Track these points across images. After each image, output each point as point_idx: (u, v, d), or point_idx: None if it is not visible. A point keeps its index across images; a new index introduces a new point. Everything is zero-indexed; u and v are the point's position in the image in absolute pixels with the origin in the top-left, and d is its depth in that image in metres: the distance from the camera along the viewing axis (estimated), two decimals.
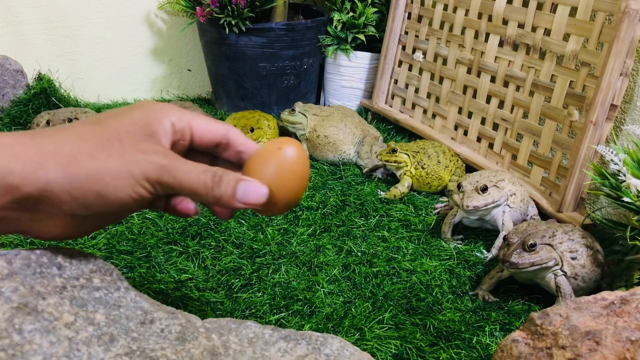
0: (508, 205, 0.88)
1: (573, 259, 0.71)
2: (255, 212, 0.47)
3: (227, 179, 0.41)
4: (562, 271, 0.71)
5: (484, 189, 0.84)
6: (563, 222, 0.86)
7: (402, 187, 1.05)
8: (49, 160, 0.36)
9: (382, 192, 1.06)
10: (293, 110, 1.22)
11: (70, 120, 1.13)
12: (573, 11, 0.94)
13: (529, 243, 0.69)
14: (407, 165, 1.06)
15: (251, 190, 0.41)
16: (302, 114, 1.22)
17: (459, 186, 0.86)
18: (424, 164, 1.05)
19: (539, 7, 1.01)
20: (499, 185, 0.87)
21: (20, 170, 0.35)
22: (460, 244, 0.89)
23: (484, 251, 0.87)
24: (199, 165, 0.40)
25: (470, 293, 0.76)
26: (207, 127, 0.44)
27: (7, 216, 0.36)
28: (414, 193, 1.08)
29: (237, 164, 0.45)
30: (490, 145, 1.12)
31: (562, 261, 0.71)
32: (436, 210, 1.00)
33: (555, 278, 0.72)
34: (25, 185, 0.35)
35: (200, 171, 0.40)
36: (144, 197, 0.39)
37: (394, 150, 1.06)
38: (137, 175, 0.38)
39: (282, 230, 0.88)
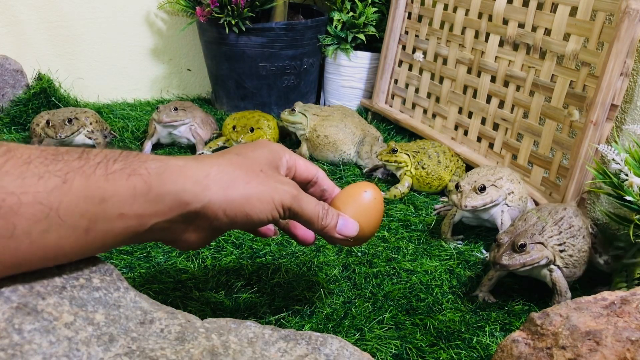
0: (507, 204, 0.88)
1: (562, 251, 0.72)
2: (331, 243, 0.57)
3: (331, 212, 0.52)
4: (556, 265, 0.71)
5: (482, 189, 0.84)
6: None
7: (402, 187, 1.05)
8: (213, 182, 0.42)
9: (382, 192, 1.06)
10: (293, 110, 1.22)
11: (70, 121, 1.13)
12: (573, 11, 0.94)
13: (519, 244, 0.69)
14: (407, 165, 1.06)
15: (348, 224, 0.53)
16: (302, 114, 1.22)
17: (457, 186, 0.86)
18: (424, 164, 1.05)
19: (539, 7, 1.01)
20: (497, 184, 0.87)
21: (191, 189, 0.41)
22: (461, 244, 0.89)
23: (484, 251, 0.87)
24: (314, 198, 0.51)
25: (471, 294, 0.76)
26: (305, 166, 0.54)
27: (171, 227, 0.42)
28: (414, 193, 1.07)
29: (319, 200, 0.54)
30: (491, 145, 1.12)
31: (554, 256, 0.71)
32: (436, 211, 1.00)
33: (550, 274, 0.72)
34: (193, 202, 0.41)
35: (316, 203, 0.50)
36: (275, 219, 0.47)
37: (394, 150, 1.06)
38: (276, 201, 0.46)
39: (282, 230, 0.88)
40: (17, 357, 0.32)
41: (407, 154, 1.06)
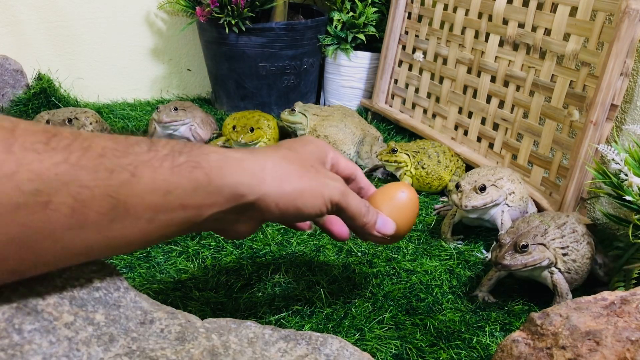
0: (507, 204, 0.88)
1: (564, 255, 0.72)
2: (366, 240, 0.58)
3: (372, 210, 0.54)
4: (557, 268, 0.71)
5: (482, 189, 0.84)
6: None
7: None
8: (268, 176, 0.44)
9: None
10: (293, 110, 1.22)
11: (70, 120, 1.13)
12: (573, 11, 0.94)
13: (521, 244, 0.69)
14: (407, 165, 1.06)
15: (387, 223, 0.55)
16: (302, 113, 1.22)
17: (457, 185, 0.86)
18: (424, 163, 1.05)
19: (539, 7, 1.01)
20: (498, 184, 0.86)
21: (248, 182, 0.42)
22: (461, 244, 0.89)
23: (484, 251, 0.87)
24: (357, 195, 0.52)
25: (471, 294, 0.76)
26: (346, 164, 0.56)
27: (225, 218, 0.43)
28: None
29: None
30: (491, 145, 1.12)
31: (556, 259, 0.71)
32: (436, 211, 1.00)
33: (551, 276, 0.72)
34: (249, 194, 0.42)
35: (359, 200, 0.52)
36: (323, 214, 0.48)
37: (394, 150, 1.06)
38: (325, 196, 0.47)
39: (282, 231, 0.88)
40: (17, 357, 0.32)
41: (407, 154, 1.06)
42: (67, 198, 0.33)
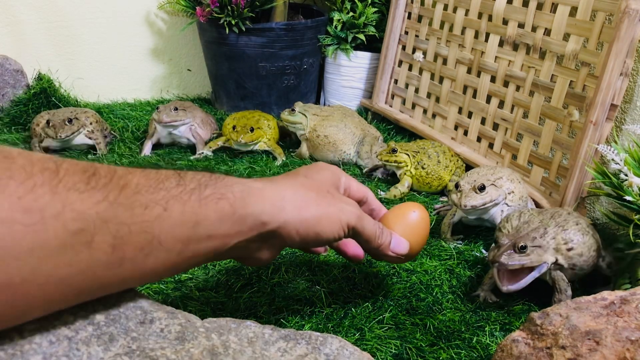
0: (506, 203, 0.88)
1: (569, 249, 0.71)
2: (381, 260, 0.60)
3: (386, 232, 0.56)
4: (558, 265, 0.71)
5: (482, 188, 0.84)
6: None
7: (402, 187, 1.05)
8: (288, 204, 0.46)
9: (382, 192, 1.06)
10: (293, 110, 1.22)
11: (70, 121, 1.13)
12: (573, 11, 0.94)
13: (520, 245, 0.69)
14: (407, 165, 1.06)
15: (401, 243, 0.57)
16: (302, 113, 1.22)
17: (457, 185, 0.86)
18: (424, 163, 1.05)
19: (539, 7, 1.01)
20: (497, 184, 0.86)
21: (269, 210, 0.44)
22: (460, 244, 0.89)
23: (483, 251, 0.87)
24: (371, 218, 0.54)
25: (472, 294, 0.76)
26: (357, 187, 0.58)
27: (248, 246, 0.45)
28: (414, 193, 1.07)
29: None
30: (490, 145, 1.12)
31: (557, 257, 0.71)
32: (435, 211, 1.00)
33: (550, 273, 0.72)
34: (271, 222, 0.44)
35: (374, 223, 0.54)
36: (340, 238, 0.50)
37: (393, 150, 1.06)
38: (343, 221, 0.49)
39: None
40: (17, 356, 0.32)
41: (407, 154, 1.06)
42: (107, 236, 0.34)
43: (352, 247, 0.60)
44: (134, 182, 0.37)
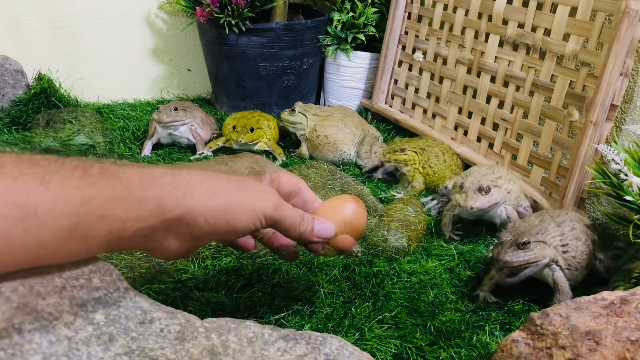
0: (507, 202, 0.89)
1: (565, 252, 0.72)
2: (313, 251, 0.58)
3: (307, 217, 0.53)
4: (558, 265, 0.72)
5: (487, 190, 0.84)
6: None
7: (417, 184, 1.06)
8: (194, 189, 0.42)
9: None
10: (293, 110, 1.22)
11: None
12: (573, 11, 0.94)
13: (522, 241, 0.69)
14: (415, 164, 1.06)
15: (324, 227, 0.54)
16: (302, 114, 1.22)
17: (462, 186, 0.86)
18: (432, 162, 1.06)
19: (539, 7, 1.01)
20: (498, 184, 0.87)
21: (171, 194, 0.41)
22: (457, 239, 0.90)
23: (483, 251, 0.87)
24: (291, 206, 0.51)
25: (472, 294, 0.76)
26: (288, 178, 0.55)
27: (152, 234, 0.41)
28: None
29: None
30: (490, 145, 1.12)
31: (557, 256, 0.72)
32: (435, 211, 1.00)
33: (552, 274, 0.72)
34: (174, 208, 0.41)
35: (293, 210, 0.51)
36: (256, 229, 0.47)
37: (402, 150, 1.06)
38: (257, 210, 0.46)
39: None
40: (17, 356, 0.32)
41: (415, 152, 1.07)
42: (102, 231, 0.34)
43: (283, 239, 0.57)
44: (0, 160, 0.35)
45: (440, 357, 0.63)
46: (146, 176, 0.40)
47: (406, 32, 1.33)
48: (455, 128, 1.21)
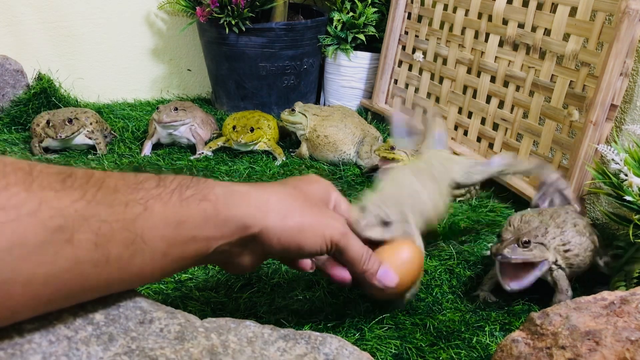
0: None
1: (566, 251, 0.72)
2: (367, 290, 0.59)
3: (374, 258, 0.54)
4: (557, 265, 0.72)
5: (386, 224, 0.63)
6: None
7: None
8: (272, 210, 0.45)
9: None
10: (293, 110, 1.22)
11: (70, 121, 1.13)
12: (573, 11, 0.94)
13: (523, 240, 0.70)
14: (404, 163, 1.06)
15: (388, 275, 0.55)
16: (302, 114, 1.22)
17: (363, 207, 0.64)
18: None
19: (539, 7, 1.01)
20: (408, 216, 0.67)
21: (252, 214, 0.43)
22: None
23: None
24: (359, 240, 0.52)
25: (472, 294, 0.76)
26: (347, 206, 0.57)
27: (230, 250, 0.44)
28: None
29: None
30: (490, 145, 1.12)
31: (557, 257, 0.72)
32: None
33: (551, 273, 0.72)
34: (254, 226, 0.43)
35: (362, 245, 0.52)
36: (322, 253, 0.49)
37: (392, 148, 1.06)
38: (326, 235, 0.48)
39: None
40: (17, 356, 0.32)
41: (405, 152, 1.06)
42: (88, 234, 0.33)
43: (339, 270, 0.56)
44: (112, 183, 0.36)
45: (440, 357, 0.63)
46: (232, 196, 0.43)
47: (406, 32, 1.33)
48: (455, 128, 1.21)
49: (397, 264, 0.56)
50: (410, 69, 1.33)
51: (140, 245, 0.36)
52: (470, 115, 1.17)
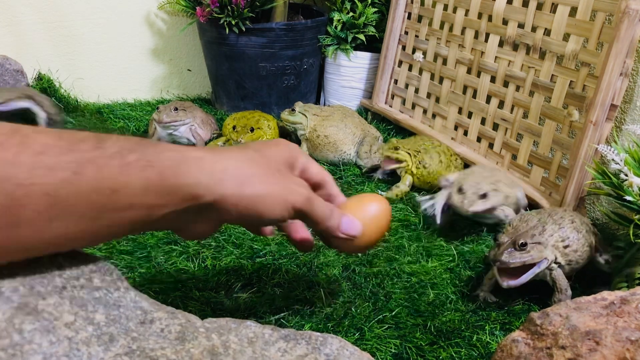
0: (504, 205, 0.90)
1: (565, 247, 0.73)
2: (334, 249, 0.57)
3: (336, 212, 0.52)
4: (556, 263, 0.72)
5: (484, 196, 0.86)
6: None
7: (403, 186, 1.05)
8: (228, 177, 0.42)
9: (382, 192, 1.06)
10: (293, 110, 1.22)
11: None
12: (573, 11, 0.94)
13: (520, 242, 0.70)
14: (408, 165, 1.06)
15: (352, 224, 0.53)
16: (302, 114, 1.22)
17: (460, 189, 0.87)
18: (426, 163, 1.06)
19: (539, 7, 1.01)
20: (498, 187, 0.88)
21: (206, 182, 0.40)
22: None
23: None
24: (322, 200, 0.50)
25: (472, 294, 0.76)
26: (317, 170, 0.54)
27: (180, 217, 0.42)
28: (415, 193, 1.07)
29: None
30: (490, 145, 1.12)
31: (555, 254, 0.72)
32: (429, 210, 0.98)
33: (550, 272, 0.72)
34: (206, 195, 0.40)
35: (325, 204, 0.50)
36: (284, 219, 0.47)
37: (396, 148, 1.07)
38: (288, 202, 0.45)
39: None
40: (18, 357, 0.32)
41: (409, 153, 1.07)
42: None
43: (301, 231, 0.56)
44: (40, 141, 0.34)
45: (440, 357, 0.63)
46: (183, 162, 0.40)
47: (406, 32, 1.33)
48: (455, 128, 1.21)
49: (363, 217, 0.55)
50: (410, 69, 1.33)
51: (62, 210, 0.35)
52: (470, 115, 1.17)
